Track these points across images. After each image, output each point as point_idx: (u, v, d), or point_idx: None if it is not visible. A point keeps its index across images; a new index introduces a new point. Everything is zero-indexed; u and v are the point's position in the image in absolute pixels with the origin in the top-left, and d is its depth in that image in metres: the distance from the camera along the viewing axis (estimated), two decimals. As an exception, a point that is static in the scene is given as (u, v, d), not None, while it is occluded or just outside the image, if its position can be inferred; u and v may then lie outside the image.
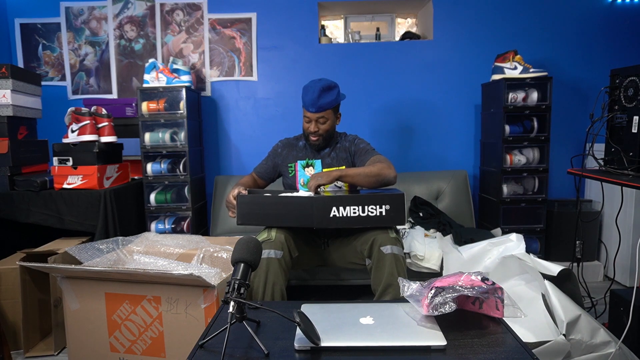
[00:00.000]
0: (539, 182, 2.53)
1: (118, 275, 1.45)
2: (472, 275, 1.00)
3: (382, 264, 1.56)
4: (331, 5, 2.88)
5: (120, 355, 1.53)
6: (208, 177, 2.89)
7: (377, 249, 1.58)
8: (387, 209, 1.56)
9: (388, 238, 1.59)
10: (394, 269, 1.55)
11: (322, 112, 1.79)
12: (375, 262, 1.59)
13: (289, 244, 1.59)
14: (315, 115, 1.80)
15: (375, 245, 1.59)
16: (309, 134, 1.84)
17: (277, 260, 1.54)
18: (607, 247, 2.61)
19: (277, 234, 1.59)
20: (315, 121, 1.81)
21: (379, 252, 1.57)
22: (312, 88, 1.78)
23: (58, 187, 2.16)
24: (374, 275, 1.60)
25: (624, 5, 2.75)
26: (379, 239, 1.59)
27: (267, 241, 1.57)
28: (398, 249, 1.58)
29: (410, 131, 2.86)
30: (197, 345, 0.90)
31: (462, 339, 0.91)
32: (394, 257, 1.56)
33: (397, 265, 1.55)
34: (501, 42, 2.74)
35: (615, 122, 1.62)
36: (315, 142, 1.85)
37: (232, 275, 0.93)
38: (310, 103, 1.78)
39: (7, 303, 1.87)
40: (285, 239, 1.59)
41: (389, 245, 1.57)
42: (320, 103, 1.77)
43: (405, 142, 2.87)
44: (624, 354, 1.43)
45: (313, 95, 1.77)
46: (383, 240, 1.58)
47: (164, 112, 2.45)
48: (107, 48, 2.82)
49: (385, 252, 1.56)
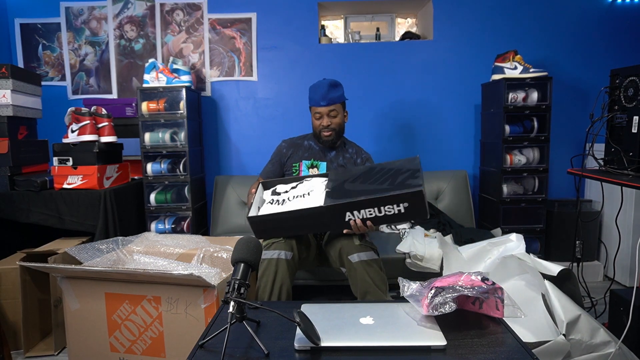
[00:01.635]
0: (539, 182, 2.53)
1: (118, 275, 1.45)
2: (472, 275, 1.00)
3: (353, 272, 1.58)
4: (331, 5, 2.88)
5: (120, 355, 1.53)
6: (208, 177, 2.89)
7: (345, 259, 1.60)
8: (406, 207, 1.43)
9: (353, 246, 1.59)
10: (365, 275, 1.55)
11: (333, 105, 1.83)
12: (348, 271, 1.61)
13: (297, 246, 1.61)
14: (327, 109, 1.83)
15: (343, 254, 1.60)
16: (322, 129, 1.86)
17: (286, 261, 1.56)
18: (607, 247, 2.60)
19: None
20: (327, 115, 1.84)
21: (348, 262, 1.59)
22: (321, 84, 1.83)
23: (58, 187, 2.16)
24: (350, 283, 1.62)
25: (623, 5, 2.75)
26: (345, 248, 1.60)
27: (278, 241, 1.59)
28: (367, 254, 1.58)
29: (410, 131, 2.86)
30: (197, 345, 0.90)
31: (462, 339, 0.91)
32: (363, 263, 1.56)
33: (367, 271, 1.56)
34: (501, 42, 2.74)
35: (615, 122, 1.62)
36: (328, 138, 1.87)
37: (232, 275, 0.93)
38: (321, 97, 1.82)
39: (7, 303, 1.87)
40: (295, 239, 1.61)
41: (355, 254, 1.58)
42: (331, 96, 1.82)
43: (405, 141, 2.87)
44: (623, 353, 1.43)
45: (322, 90, 1.81)
46: (348, 249, 1.59)
47: (164, 112, 2.45)
48: (107, 48, 2.82)
49: (353, 261, 1.57)
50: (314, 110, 1.86)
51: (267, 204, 1.61)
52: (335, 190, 1.51)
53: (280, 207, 1.55)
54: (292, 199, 1.57)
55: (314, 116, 1.88)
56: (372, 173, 1.55)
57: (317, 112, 1.85)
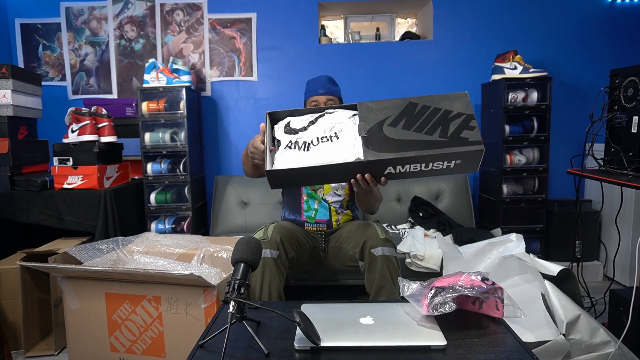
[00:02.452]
0: (538, 182, 2.53)
1: (118, 275, 1.45)
2: (472, 275, 1.00)
3: (374, 266, 1.56)
4: (331, 5, 2.88)
5: (121, 355, 1.53)
6: (208, 177, 2.89)
7: (368, 251, 1.58)
8: (457, 163, 1.22)
9: (378, 240, 1.58)
10: (386, 270, 1.55)
11: (331, 95, 1.76)
12: (367, 264, 1.59)
13: (284, 244, 1.59)
14: (325, 98, 1.74)
15: (366, 247, 1.58)
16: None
17: (272, 259, 1.54)
18: (606, 247, 2.61)
19: (272, 234, 1.59)
20: (324, 104, 1.74)
21: (370, 255, 1.57)
22: (319, 77, 1.81)
23: (58, 187, 2.16)
24: (367, 278, 1.60)
25: (624, 5, 2.75)
26: (369, 241, 1.58)
27: (262, 241, 1.57)
28: (389, 249, 1.58)
29: (410, 131, 2.86)
30: (197, 345, 0.90)
31: (462, 339, 0.91)
32: (385, 258, 1.55)
33: (389, 267, 1.55)
34: (501, 42, 2.75)
35: (615, 122, 1.62)
36: None
37: (232, 275, 0.93)
38: (320, 86, 1.76)
39: (7, 303, 1.87)
40: (280, 239, 1.58)
41: (379, 247, 1.56)
42: (329, 87, 1.77)
43: (405, 142, 2.87)
44: (623, 353, 1.43)
45: (322, 80, 1.78)
46: (374, 243, 1.57)
47: (164, 112, 2.45)
48: (107, 48, 2.82)
49: (376, 254, 1.56)
50: (311, 100, 1.78)
51: (284, 148, 1.27)
52: (374, 137, 1.23)
53: (305, 156, 1.24)
54: (316, 142, 1.26)
55: (309, 106, 1.78)
56: (414, 113, 1.26)
57: (314, 101, 1.76)
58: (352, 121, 1.29)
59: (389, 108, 1.28)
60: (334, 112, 1.33)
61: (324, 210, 1.81)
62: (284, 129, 1.32)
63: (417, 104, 1.28)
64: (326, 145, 1.25)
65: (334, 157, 1.22)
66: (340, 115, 1.32)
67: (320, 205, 1.81)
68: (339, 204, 1.82)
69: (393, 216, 2.61)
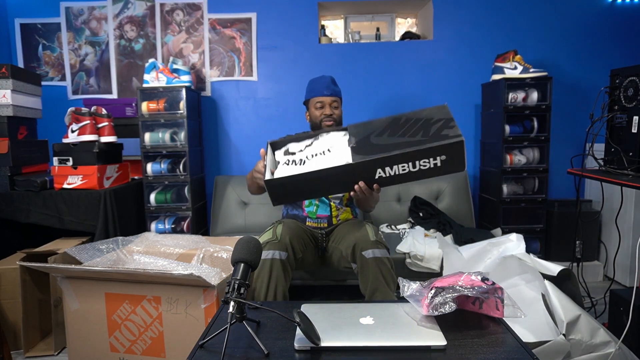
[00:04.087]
0: (539, 182, 2.53)
1: (118, 275, 1.45)
2: (472, 275, 1.00)
3: (366, 269, 1.56)
4: (331, 5, 2.88)
5: (120, 355, 1.53)
6: (208, 177, 2.89)
7: (359, 254, 1.58)
8: (443, 160, 1.31)
9: (369, 242, 1.58)
10: (378, 272, 1.54)
11: (335, 96, 1.87)
12: (360, 266, 1.59)
13: (293, 245, 1.59)
14: (330, 99, 1.86)
15: (357, 249, 1.58)
16: (324, 118, 1.86)
17: (280, 261, 1.54)
18: (606, 247, 2.61)
19: (282, 235, 1.59)
20: (329, 105, 1.86)
21: (362, 257, 1.57)
22: (322, 77, 1.89)
23: (58, 187, 2.16)
24: (360, 280, 1.60)
25: (624, 5, 2.75)
26: (360, 243, 1.58)
27: (271, 241, 1.57)
28: (380, 251, 1.57)
29: (410, 131, 2.86)
30: (197, 345, 0.90)
31: (462, 339, 0.91)
32: (377, 260, 1.55)
33: (381, 269, 1.55)
34: (501, 42, 2.74)
35: (615, 122, 1.62)
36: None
37: (232, 275, 0.93)
38: (325, 86, 1.86)
39: (7, 303, 1.87)
40: (290, 240, 1.59)
41: (370, 250, 1.56)
42: (334, 88, 1.87)
43: (405, 142, 2.87)
44: (623, 353, 1.43)
45: (325, 81, 1.87)
46: (364, 245, 1.57)
47: (164, 112, 2.45)
48: (107, 48, 2.82)
49: (367, 257, 1.56)
50: (316, 100, 1.86)
51: (282, 165, 1.43)
52: (362, 145, 1.36)
53: (300, 168, 1.38)
54: (310, 157, 1.40)
55: (314, 106, 1.87)
56: (399, 124, 1.40)
57: (319, 102, 1.86)
58: (345, 140, 1.43)
59: (375, 124, 1.43)
60: (327, 135, 1.48)
61: (324, 206, 1.82)
62: (283, 153, 1.48)
63: (401, 118, 1.43)
64: (319, 158, 1.39)
65: (325, 165, 1.34)
66: (334, 136, 1.46)
67: (320, 200, 1.83)
68: (338, 200, 1.85)
69: (393, 216, 2.61)
